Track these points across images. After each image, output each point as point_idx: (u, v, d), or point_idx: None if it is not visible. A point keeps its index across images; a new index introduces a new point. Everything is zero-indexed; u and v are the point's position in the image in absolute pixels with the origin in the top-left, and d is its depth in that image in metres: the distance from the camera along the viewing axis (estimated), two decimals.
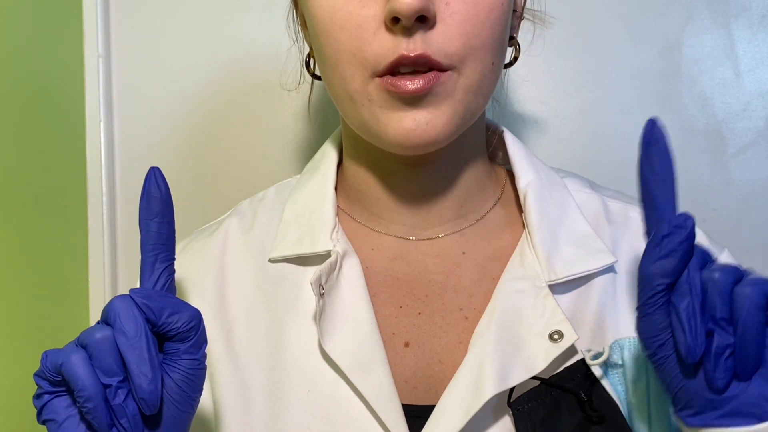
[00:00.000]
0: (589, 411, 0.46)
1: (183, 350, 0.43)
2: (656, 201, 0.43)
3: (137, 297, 0.42)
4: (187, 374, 0.43)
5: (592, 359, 0.48)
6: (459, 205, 0.56)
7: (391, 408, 0.47)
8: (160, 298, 0.43)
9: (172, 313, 0.43)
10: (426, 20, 0.45)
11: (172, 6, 0.85)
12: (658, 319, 0.41)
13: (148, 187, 0.46)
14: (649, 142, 0.44)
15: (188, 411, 0.43)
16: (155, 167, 0.47)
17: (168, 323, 0.42)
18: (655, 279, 0.41)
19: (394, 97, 0.46)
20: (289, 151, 0.85)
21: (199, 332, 0.44)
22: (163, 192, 0.46)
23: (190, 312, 0.43)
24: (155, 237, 0.45)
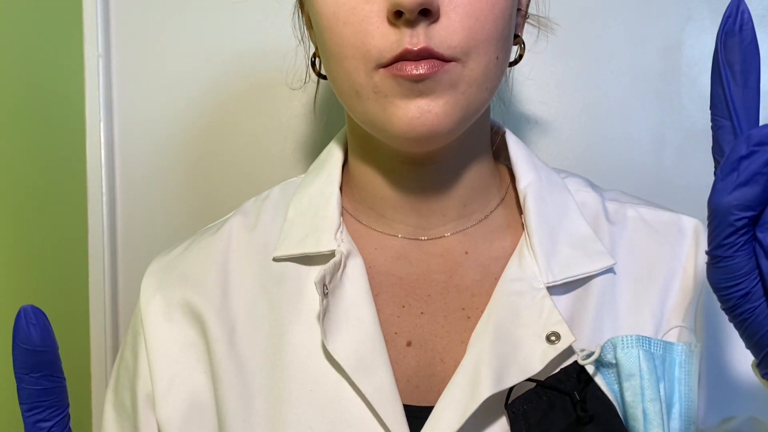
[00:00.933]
0: (580, 412, 0.46)
1: None
2: (733, 106, 0.36)
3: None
4: None
5: (583, 359, 0.48)
6: (462, 204, 0.56)
7: (393, 409, 0.47)
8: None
9: None
10: (429, 14, 0.45)
11: (173, 6, 0.85)
12: (739, 263, 0.34)
13: (17, 333, 0.39)
14: (731, 29, 0.35)
15: None
16: (27, 306, 0.39)
17: None
18: (734, 212, 0.33)
19: (401, 84, 0.46)
20: (294, 151, 0.85)
21: None
22: (35, 341, 0.38)
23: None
24: (35, 394, 0.39)
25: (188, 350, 0.54)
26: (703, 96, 0.81)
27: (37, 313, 0.39)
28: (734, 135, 0.36)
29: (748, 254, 0.34)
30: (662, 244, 0.55)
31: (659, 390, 0.47)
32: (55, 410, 0.40)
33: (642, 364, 0.46)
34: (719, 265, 0.34)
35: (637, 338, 0.47)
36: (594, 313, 0.51)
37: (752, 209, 0.33)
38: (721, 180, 0.33)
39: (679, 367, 0.48)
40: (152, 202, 0.86)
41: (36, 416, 0.39)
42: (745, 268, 0.34)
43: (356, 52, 0.47)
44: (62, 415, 0.40)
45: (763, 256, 0.34)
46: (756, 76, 0.35)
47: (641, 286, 0.53)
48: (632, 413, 0.46)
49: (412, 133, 0.47)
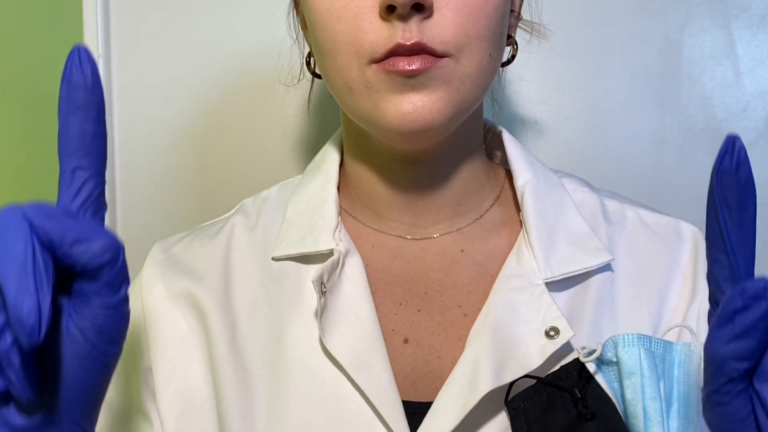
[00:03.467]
0: (581, 408, 0.46)
1: (93, 291, 0.34)
2: (729, 243, 0.35)
3: (32, 215, 0.32)
4: (97, 322, 0.35)
5: (585, 356, 0.48)
6: (457, 202, 0.56)
7: (391, 404, 0.48)
8: (64, 219, 0.33)
9: (78, 240, 0.33)
10: (422, 9, 0.45)
11: (173, 6, 0.85)
12: (736, 408, 0.34)
13: (70, 70, 0.36)
14: (727, 167, 0.34)
15: (98, 370, 0.36)
16: (81, 45, 0.36)
17: (72, 254, 0.33)
18: (730, 362, 0.33)
19: (393, 79, 0.47)
20: (290, 150, 0.85)
21: (115, 270, 0.34)
22: (88, 78, 0.36)
23: (104, 241, 0.34)
24: (77, 137, 0.36)
25: (189, 340, 0.54)
26: (703, 96, 0.81)
27: (89, 53, 0.36)
28: (730, 270, 0.35)
29: (744, 400, 0.34)
30: (661, 246, 0.55)
31: (659, 388, 0.47)
32: (95, 161, 0.36)
33: (643, 363, 0.47)
34: (717, 410, 0.35)
35: (638, 337, 0.47)
36: (592, 310, 0.52)
37: (748, 360, 0.33)
38: (717, 329, 0.34)
39: (678, 367, 0.48)
40: (151, 201, 0.86)
41: (76, 162, 0.36)
42: (742, 413, 0.34)
43: (349, 47, 0.47)
44: (101, 169, 0.37)
45: (759, 405, 0.34)
46: (752, 214, 0.35)
47: (640, 285, 0.53)
48: (632, 411, 0.47)
49: (404, 128, 0.47)
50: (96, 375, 0.36)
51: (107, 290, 0.34)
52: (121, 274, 0.35)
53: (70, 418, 0.36)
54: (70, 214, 0.34)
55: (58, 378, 0.35)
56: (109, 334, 0.35)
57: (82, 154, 0.36)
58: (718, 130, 0.81)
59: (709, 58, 0.81)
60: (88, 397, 0.36)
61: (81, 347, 0.35)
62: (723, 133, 0.81)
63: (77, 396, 0.35)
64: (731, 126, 0.81)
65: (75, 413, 0.36)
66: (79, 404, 0.36)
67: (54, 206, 0.34)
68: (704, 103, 0.81)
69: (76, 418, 0.36)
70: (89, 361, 0.35)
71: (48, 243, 0.32)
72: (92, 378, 0.36)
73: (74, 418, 0.36)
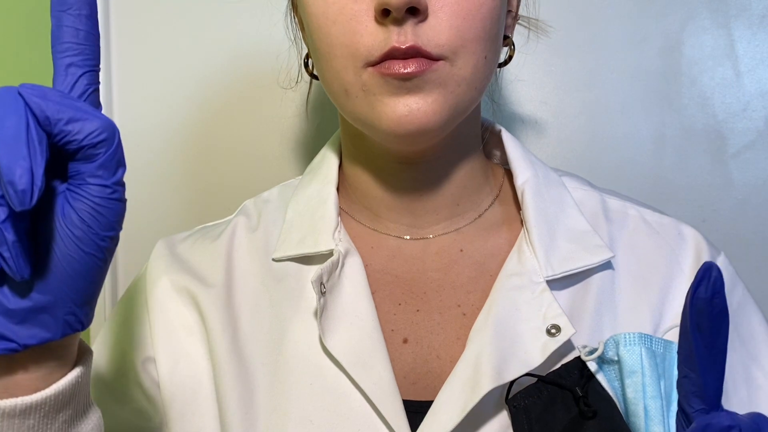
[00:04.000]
0: (583, 407, 0.47)
1: (89, 172, 0.34)
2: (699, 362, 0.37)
3: (27, 92, 0.32)
4: (93, 205, 0.35)
5: (586, 355, 0.48)
6: (455, 203, 0.56)
7: (392, 403, 0.48)
8: (60, 98, 0.33)
9: (73, 119, 0.33)
10: (417, 12, 0.46)
11: (172, 6, 0.85)
12: None
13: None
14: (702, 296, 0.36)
15: (94, 254, 0.35)
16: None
17: (67, 131, 0.33)
18: None
19: (389, 82, 0.47)
20: (289, 151, 0.85)
21: (111, 150, 0.34)
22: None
23: (100, 121, 0.34)
24: (69, 34, 0.36)
25: (194, 333, 0.55)
26: (703, 96, 0.81)
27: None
28: (698, 387, 0.38)
29: None
30: (663, 245, 0.55)
31: (660, 387, 0.47)
32: (88, 58, 0.36)
33: (644, 362, 0.47)
34: None
35: (639, 336, 0.47)
36: (593, 308, 0.52)
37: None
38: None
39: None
40: (150, 202, 0.86)
41: (70, 58, 0.36)
42: None
43: (345, 50, 0.48)
44: (94, 67, 0.37)
45: None
46: (724, 340, 0.37)
47: (641, 284, 0.53)
48: (633, 410, 0.47)
49: (400, 130, 0.47)
50: (92, 259, 0.35)
51: (103, 171, 0.34)
52: (117, 155, 0.35)
53: (65, 303, 0.36)
54: (65, 96, 0.34)
55: (53, 260, 0.34)
56: (106, 217, 0.35)
57: (75, 52, 0.36)
58: (718, 130, 0.81)
59: (709, 58, 0.81)
60: (84, 283, 0.36)
61: (77, 229, 0.34)
62: (723, 133, 0.81)
63: (72, 279, 0.35)
64: (731, 126, 0.81)
65: (70, 299, 0.36)
66: (74, 289, 0.36)
67: (49, 88, 0.34)
68: (704, 103, 0.81)
69: (71, 304, 0.36)
70: (85, 244, 0.35)
71: (43, 119, 0.32)
72: (88, 262, 0.35)
73: (69, 303, 0.36)
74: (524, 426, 0.46)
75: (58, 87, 0.36)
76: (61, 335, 0.36)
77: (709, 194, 0.81)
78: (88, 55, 0.36)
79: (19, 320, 0.35)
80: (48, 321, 0.36)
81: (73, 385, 0.39)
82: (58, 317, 0.36)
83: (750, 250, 0.81)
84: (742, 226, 0.81)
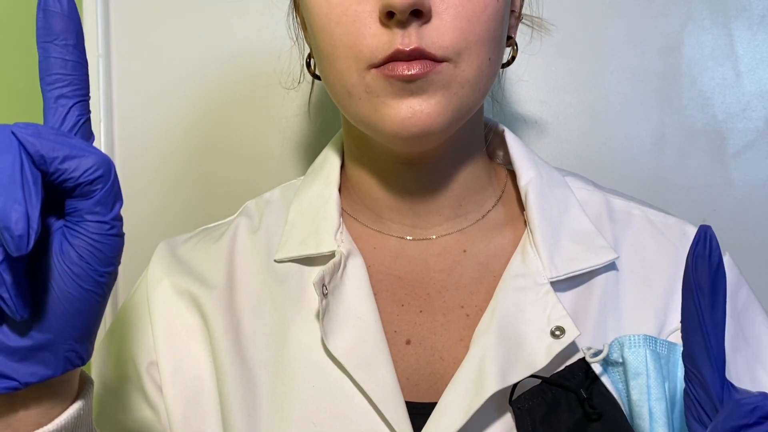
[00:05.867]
0: (588, 409, 0.46)
1: (87, 209, 0.34)
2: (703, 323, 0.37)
3: (21, 131, 0.32)
4: (91, 241, 0.34)
5: (591, 357, 0.48)
6: (458, 203, 0.56)
7: (395, 405, 0.48)
8: (54, 136, 0.33)
9: (69, 156, 0.33)
10: (421, 14, 0.45)
11: (173, 6, 0.85)
12: None
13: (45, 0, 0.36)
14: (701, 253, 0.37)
15: (93, 290, 0.35)
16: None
17: (63, 170, 0.33)
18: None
19: (392, 84, 0.46)
20: (290, 151, 0.85)
21: (107, 185, 0.34)
22: (64, 5, 0.36)
23: (96, 157, 0.33)
24: (58, 66, 0.36)
25: (196, 335, 0.55)
26: (703, 96, 0.81)
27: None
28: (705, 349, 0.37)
29: None
30: (667, 245, 0.55)
31: (664, 389, 0.47)
32: (77, 88, 0.36)
33: (649, 364, 0.47)
34: None
35: (644, 338, 0.47)
36: (597, 309, 0.52)
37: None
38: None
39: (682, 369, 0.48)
40: (151, 203, 0.86)
41: (59, 90, 0.36)
42: None
43: (348, 52, 0.47)
44: (84, 97, 0.36)
45: None
46: (723, 297, 0.37)
47: (645, 284, 0.53)
48: (638, 412, 0.47)
49: (404, 132, 0.47)
50: (91, 296, 0.35)
51: (101, 207, 0.34)
52: (114, 191, 0.35)
53: (65, 340, 0.35)
54: (60, 133, 0.33)
55: (52, 298, 0.34)
56: (105, 253, 0.35)
57: (64, 83, 0.36)
58: (718, 130, 0.81)
59: (709, 58, 0.81)
60: (83, 319, 0.35)
61: (76, 266, 0.34)
62: (723, 133, 0.81)
63: (72, 317, 0.35)
64: (731, 126, 0.81)
65: (70, 335, 0.35)
66: (73, 326, 0.35)
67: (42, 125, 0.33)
68: (704, 103, 0.81)
69: (71, 341, 0.36)
70: (84, 281, 0.34)
71: (38, 158, 0.32)
72: (87, 299, 0.35)
73: (69, 340, 0.35)
74: (528, 428, 0.46)
75: (49, 120, 0.36)
76: (62, 372, 0.36)
77: (709, 194, 0.81)
78: (77, 85, 0.36)
79: (19, 358, 0.35)
80: (48, 358, 0.35)
81: (75, 419, 0.39)
82: (58, 354, 0.35)
83: (750, 250, 0.81)
84: (742, 226, 0.81)
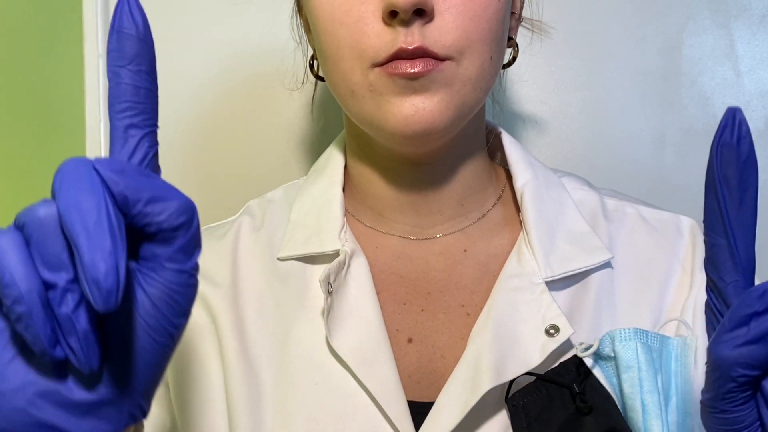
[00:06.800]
0: (579, 403, 0.47)
1: (166, 256, 0.31)
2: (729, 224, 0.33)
3: (103, 168, 0.29)
4: (168, 291, 0.31)
5: (582, 351, 0.48)
6: (459, 203, 0.56)
7: (397, 403, 0.48)
8: (137, 175, 0.30)
9: (154, 199, 0.30)
10: (423, 13, 0.46)
11: (173, 6, 0.85)
12: (741, 416, 0.32)
13: (120, 19, 0.33)
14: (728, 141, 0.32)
15: (166, 343, 0.32)
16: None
17: (147, 213, 0.29)
18: (738, 369, 0.31)
19: (396, 82, 0.47)
20: (292, 151, 0.85)
21: (191, 232, 0.31)
22: (140, 27, 0.33)
23: (180, 201, 0.30)
24: (130, 92, 0.33)
25: (204, 334, 0.55)
26: (703, 96, 0.81)
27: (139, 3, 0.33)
28: (730, 254, 0.33)
29: (750, 407, 0.32)
30: (661, 241, 0.55)
31: (657, 382, 0.47)
32: (147, 119, 0.33)
33: (640, 357, 0.47)
34: (718, 417, 0.32)
35: (634, 331, 0.48)
36: (592, 307, 0.52)
37: (757, 369, 0.31)
38: (728, 332, 0.30)
39: (675, 361, 0.48)
40: None
41: (129, 119, 0.33)
42: (747, 421, 0.32)
43: (352, 52, 0.48)
44: (154, 128, 0.34)
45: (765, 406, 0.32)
46: (753, 193, 0.33)
47: (640, 282, 0.53)
48: (631, 405, 0.47)
49: (407, 130, 0.48)
50: (162, 348, 0.32)
51: (181, 255, 0.31)
52: (196, 237, 0.32)
53: (132, 395, 0.32)
54: (141, 171, 0.30)
55: (122, 350, 0.31)
56: (180, 303, 0.31)
57: (135, 112, 0.33)
58: None
59: (709, 58, 0.81)
60: (152, 373, 0.32)
61: (150, 317, 0.31)
62: None
63: (141, 370, 0.32)
64: None
65: (137, 390, 0.32)
66: (142, 380, 0.32)
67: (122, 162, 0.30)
68: (704, 103, 0.81)
69: (138, 395, 0.32)
70: (157, 332, 0.31)
71: (121, 200, 0.29)
72: (157, 351, 0.32)
73: (136, 395, 0.32)
74: (523, 424, 0.46)
75: (117, 151, 0.33)
76: (123, 427, 0.32)
77: None
78: (148, 114, 0.33)
79: (81, 413, 0.31)
80: (112, 414, 0.32)
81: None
82: (122, 409, 0.32)
83: None
84: None
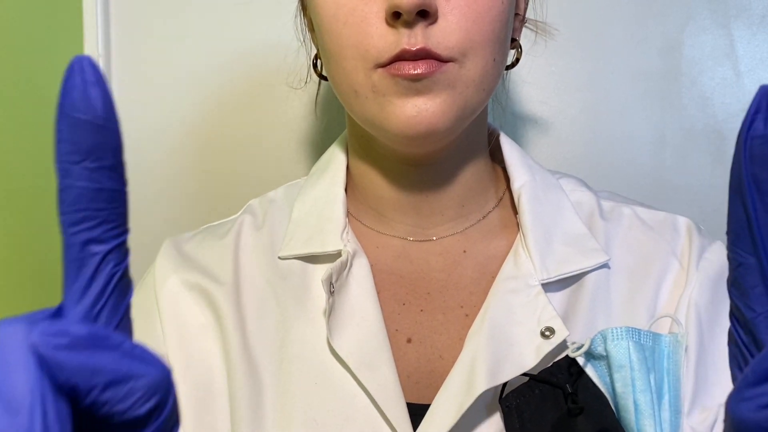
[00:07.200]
0: (570, 404, 0.47)
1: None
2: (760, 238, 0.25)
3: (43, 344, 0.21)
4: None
5: (574, 351, 0.48)
6: (460, 204, 0.57)
7: (396, 405, 0.48)
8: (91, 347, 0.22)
9: (115, 381, 0.22)
10: (427, 15, 0.46)
11: (173, 6, 0.85)
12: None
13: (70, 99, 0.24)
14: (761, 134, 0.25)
15: None
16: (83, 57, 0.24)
17: (104, 402, 0.22)
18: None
19: (398, 83, 0.47)
20: (295, 151, 0.85)
21: (164, 413, 0.23)
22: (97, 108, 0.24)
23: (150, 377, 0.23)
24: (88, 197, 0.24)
25: (207, 331, 0.54)
26: (704, 96, 0.81)
27: (96, 69, 0.24)
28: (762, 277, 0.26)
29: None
30: (657, 240, 0.55)
31: (649, 381, 0.47)
32: (113, 227, 0.25)
33: (632, 356, 0.47)
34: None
35: (626, 330, 0.48)
36: (588, 307, 0.52)
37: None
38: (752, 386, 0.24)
39: (667, 359, 0.48)
40: (152, 202, 0.86)
41: (87, 233, 0.25)
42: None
43: (355, 52, 0.48)
44: (122, 238, 0.26)
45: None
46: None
47: (636, 281, 0.54)
48: (623, 404, 0.47)
49: (409, 131, 0.48)
50: None
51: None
52: (174, 417, 0.24)
53: None
54: (98, 337, 0.22)
55: None
56: None
57: (95, 222, 0.25)
58: (718, 130, 0.81)
59: (709, 58, 0.81)
60: None
61: None
62: (723, 133, 0.81)
63: None
64: (731, 126, 0.81)
65: None
66: None
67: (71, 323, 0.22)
68: (704, 103, 0.81)
69: None
70: None
71: (68, 388, 0.22)
72: None
73: None
74: (516, 426, 0.47)
75: (71, 274, 0.25)
76: None
77: (709, 194, 0.81)
78: (113, 222, 0.25)
79: None
80: None
81: None
82: None
83: None
84: None
